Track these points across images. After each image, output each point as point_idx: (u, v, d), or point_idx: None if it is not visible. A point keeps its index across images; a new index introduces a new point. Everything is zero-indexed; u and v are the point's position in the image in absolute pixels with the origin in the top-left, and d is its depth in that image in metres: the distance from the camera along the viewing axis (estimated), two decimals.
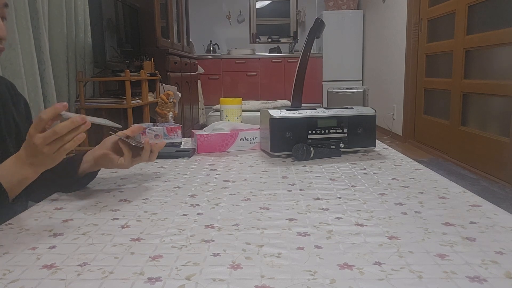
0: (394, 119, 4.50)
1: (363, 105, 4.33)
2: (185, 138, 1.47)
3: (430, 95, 3.76)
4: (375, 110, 1.20)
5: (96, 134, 2.70)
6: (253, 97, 5.60)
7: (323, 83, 5.81)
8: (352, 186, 0.86)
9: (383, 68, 4.89)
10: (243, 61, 5.92)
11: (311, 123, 1.13)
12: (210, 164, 1.09)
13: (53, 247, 0.58)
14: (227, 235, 0.61)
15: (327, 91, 5.39)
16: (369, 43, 5.53)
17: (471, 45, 3.00)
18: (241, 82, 5.94)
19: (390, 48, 4.60)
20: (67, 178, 0.84)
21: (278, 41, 6.50)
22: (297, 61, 1.84)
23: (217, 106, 2.92)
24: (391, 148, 1.26)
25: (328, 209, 0.72)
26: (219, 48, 6.41)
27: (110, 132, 0.83)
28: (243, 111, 1.59)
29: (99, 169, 0.91)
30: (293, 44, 6.38)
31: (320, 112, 1.15)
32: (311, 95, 5.73)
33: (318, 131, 1.14)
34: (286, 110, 1.14)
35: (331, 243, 0.58)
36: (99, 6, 2.49)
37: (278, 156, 1.15)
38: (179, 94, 3.33)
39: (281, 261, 0.53)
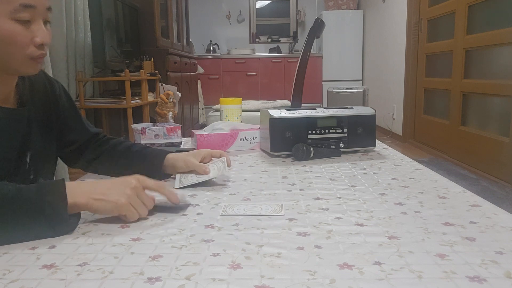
0: (394, 119, 4.50)
1: (363, 105, 4.32)
2: (185, 138, 1.47)
3: (430, 95, 3.75)
4: (375, 110, 1.20)
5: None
6: (253, 97, 5.59)
7: (323, 83, 5.81)
8: (352, 186, 0.86)
9: (383, 68, 4.89)
10: (243, 61, 5.92)
11: (311, 123, 1.13)
12: None
13: (53, 247, 0.58)
14: (227, 235, 0.61)
15: (327, 91, 5.38)
16: (369, 43, 5.53)
17: (471, 45, 2.99)
18: (241, 82, 5.93)
19: (390, 48, 4.60)
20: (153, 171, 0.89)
21: (278, 41, 6.50)
22: (297, 61, 1.84)
23: (217, 106, 2.92)
24: (391, 148, 1.26)
25: (328, 209, 0.72)
26: (219, 48, 6.40)
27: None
28: (243, 111, 1.59)
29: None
30: (293, 44, 6.37)
31: (320, 112, 1.15)
32: (311, 95, 5.73)
33: (318, 131, 1.14)
34: (286, 110, 1.14)
35: (331, 243, 0.58)
36: (99, 6, 2.48)
37: (278, 156, 1.15)
38: (179, 94, 3.33)
39: (281, 261, 0.53)
